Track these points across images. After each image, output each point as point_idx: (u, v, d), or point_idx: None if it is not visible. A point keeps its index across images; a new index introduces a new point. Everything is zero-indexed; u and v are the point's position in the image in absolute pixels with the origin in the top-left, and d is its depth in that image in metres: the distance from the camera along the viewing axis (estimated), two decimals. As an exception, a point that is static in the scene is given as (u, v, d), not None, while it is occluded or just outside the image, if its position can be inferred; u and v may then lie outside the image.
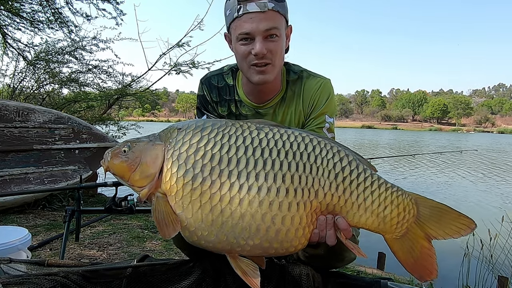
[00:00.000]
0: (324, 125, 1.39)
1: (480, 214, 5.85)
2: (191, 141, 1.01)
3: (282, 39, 1.28)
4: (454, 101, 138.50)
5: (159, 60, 5.97)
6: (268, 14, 1.22)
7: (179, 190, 0.97)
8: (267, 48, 1.24)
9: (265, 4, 1.21)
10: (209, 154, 0.98)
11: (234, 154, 0.98)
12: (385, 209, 1.04)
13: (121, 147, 1.05)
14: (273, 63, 1.28)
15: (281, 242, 0.99)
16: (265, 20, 1.22)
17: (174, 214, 0.97)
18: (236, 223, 0.95)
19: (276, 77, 1.36)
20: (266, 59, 1.26)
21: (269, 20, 1.22)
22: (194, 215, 0.96)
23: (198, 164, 0.97)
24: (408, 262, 1.05)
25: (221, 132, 1.02)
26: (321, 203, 1.01)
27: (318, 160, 1.02)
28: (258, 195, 0.96)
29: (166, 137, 1.04)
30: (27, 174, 3.56)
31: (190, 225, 0.97)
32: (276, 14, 1.24)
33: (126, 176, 1.03)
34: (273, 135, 1.03)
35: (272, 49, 1.25)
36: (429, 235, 1.05)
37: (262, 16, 1.21)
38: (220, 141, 1.00)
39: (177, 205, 0.97)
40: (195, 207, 0.96)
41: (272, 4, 1.22)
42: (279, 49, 1.27)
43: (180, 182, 0.97)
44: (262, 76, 1.29)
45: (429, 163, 14.69)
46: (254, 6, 1.21)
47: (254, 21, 1.22)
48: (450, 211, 1.05)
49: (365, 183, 1.03)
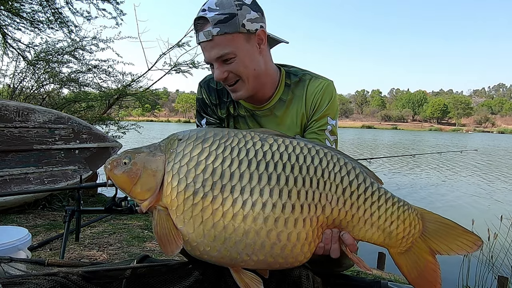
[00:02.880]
0: (326, 127, 1.38)
1: (479, 214, 5.86)
2: (192, 153, 0.98)
3: (242, 56, 1.25)
4: (454, 101, 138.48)
5: (159, 60, 5.99)
6: (214, 41, 1.21)
7: (180, 205, 0.94)
8: (226, 70, 1.25)
9: (209, 32, 1.20)
10: (210, 168, 0.95)
11: (236, 168, 0.95)
12: (391, 224, 1.03)
13: (121, 159, 1.02)
14: (242, 78, 1.28)
15: (286, 258, 0.97)
16: (213, 48, 1.22)
17: (176, 229, 0.95)
18: (239, 239, 0.93)
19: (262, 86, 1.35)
20: (230, 79, 1.28)
21: (217, 47, 1.22)
22: (196, 230, 0.94)
23: (199, 178, 0.95)
24: (412, 276, 1.05)
25: (223, 144, 0.99)
26: (327, 218, 0.99)
27: (325, 174, 0.99)
28: (263, 212, 0.93)
29: (166, 148, 1.02)
30: (27, 174, 3.56)
31: (192, 240, 0.95)
32: (224, 37, 1.20)
33: (127, 188, 1.01)
34: (277, 147, 1.00)
35: (231, 70, 1.26)
36: (434, 250, 1.04)
37: (210, 45, 1.22)
38: (222, 154, 0.97)
39: (178, 219, 0.95)
40: (197, 223, 0.93)
41: (217, 29, 1.19)
42: (240, 67, 1.26)
43: (181, 196, 0.94)
44: (235, 94, 1.33)
45: (429, 163, 14.69)
46: (202, 35, 1.21)
47: (206, 50, 1.24)
48: (455, 227, 1.04)
49: (372, 198, 1.02)
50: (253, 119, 1.45)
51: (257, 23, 1.26)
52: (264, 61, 1.33)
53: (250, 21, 1.23)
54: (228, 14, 1.19)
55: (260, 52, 1.30)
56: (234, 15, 1.20)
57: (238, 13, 1.21)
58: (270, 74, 1.39)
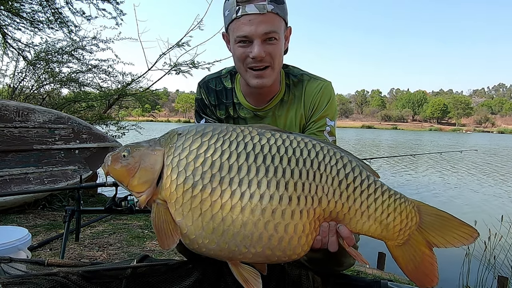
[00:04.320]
0: (325, 128, 1.38)
1: (479, 213, 5.86)
2: (191, 147, 0.99)
3: (281, 41, 1.26)
4: (454, 101, 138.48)
5: (159, 60, 5.98)
6: (267, 16, 1.20)
7: (179, 197, 0.95)
8: (265, 51, 1.22)
9: (264, 6, 1.18)
10: (209, 160, 0.97)
11: (235, 161, 0.97)
12: (388, 216, 1.03)
13: (120, 152, 1.04)
14: (272, 66, 1.27)
15: (283, 250, 0.98)
16: (264, 23, 1.20)
17: (174, 223, 0.96)
18: (237, 231, 0.94)
19: (274, 80, 1.35)
20: (265, 62, 1.25)
21: (268, 23, 1.20)
22: (195, 222, 0.95)
23: (198, 171, 0.96)
24: (410, 269, 1.05)
25: (222, 138, 1.00)
26: (324, 210, 1.00)
27: (321, 167, 1.00)
28: (261, 203, 0.94)
29: (166, 143, 1.03)
30: (27, 174, 3.56)
31: (191, 233, 0.96)
32: (276, 16, 1.22)
33: (125, 181, 1.02)
34: (275, 140, 1.01)
35: (271, 52, 1.24)
36: (430, 242, 1.05)
37: (261, 19, 1.19)
38: (221, 148, 0.98)
39: (177, 212, 0.96)
40: (196, 215, 0.94)
41: (271, 6, 1.20)
42: (277, 52, 1.26)
43: (180, 189, 0.96)
44: (260, 80, 1.28)
45: (429, 163, 14.69)
46: (253, 7, 1.19)
47: (253, 24, 1.20)
48: (452, 219, 1.04)
49: (368, 190, 1.03)
50: (254, 121, 1.45)
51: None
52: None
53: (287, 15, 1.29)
54: None
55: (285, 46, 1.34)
56: (284, 2, 1.26)
57: (285, 2, 1.27)
58: (279, 72, 1.40)
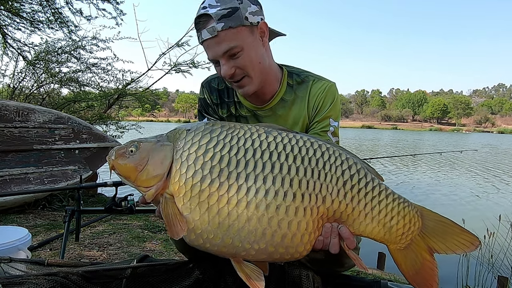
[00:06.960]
0: (328, 128, 1.38)
1: (480, 213, 5.86)
2: (200, 142, 1.00)
3: (247, 49, 1.25)
4: (454, 101, 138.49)
5: (159, 59, 5.99)
6: (220, 37, 1.20)
7: (187, 191, 0.96)
8: (234, 66, 1.24)
9: (213, 28, 1.18)
10: (218, 155, 0.98)
11: (242, 156, 0.98)
12: (391, 219, 1.04)
13: (127, 147, 1.03)
14: (248, 74, 1.28)
15: (286, 247, 0.98)
16: (219, 44, 1.21)
17: (181, 216, 0.97)
18: (242, 226, 0.95)
19: (266, 81, 1.35)
20: (237, 75, 1.27)
21: (223, 42, 1.20)
22: (201, 217, 0.95)
23: (207, 165, 0.97)
24: (410, 273, 1.06)
25: (230, 134, 1.01)
26: (328, 210, 1.00)
27: (326, 166, 1.01)
28: (265, 198, 0.95)
29: (174, 138, 1.03)
30: (27, 174, 3.56)
31: (197, 227, 0.96)
32: (229, 31, 1.20)
33: (132, 177, 1.01)
34: (281, 139, 1.02)
35: (239, 65, 1.25)
36: (431, 248, 1.05)
37: (215, 41, 1.21)
38: (229, 143, 0.99)
39: (185, 206, 0.96)
40: (203, 209, 0.95)
41: (221, 24, 1.18)
42: (247, 61, 1.25)
43: (189, 183, 0.96)
44: (242, 90, 1.32)
45: (429, 163, 14.69)
46: (206, 33, 1.20)
47: (210, 48, 1.23)
48: (454, 226, 1.04)
49: (373, 192, 1.03)
50: (255, 119, 1.46)
51: (258, 16, 1.26)
52: (267, 54, 1.34)
53: (252, 14, 1.24)
54: (230, 8, 1.19)
55: (263, 45, 1.31)
56: (237, 9, 1.20)
57: (240, 6, 1.21)
58: (273, 70, 1.40)
